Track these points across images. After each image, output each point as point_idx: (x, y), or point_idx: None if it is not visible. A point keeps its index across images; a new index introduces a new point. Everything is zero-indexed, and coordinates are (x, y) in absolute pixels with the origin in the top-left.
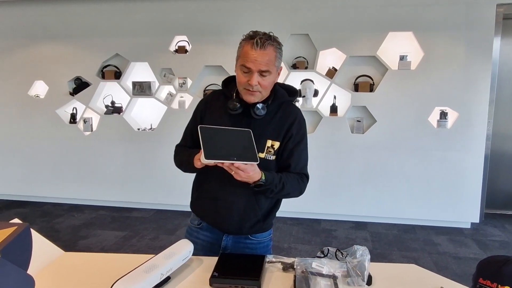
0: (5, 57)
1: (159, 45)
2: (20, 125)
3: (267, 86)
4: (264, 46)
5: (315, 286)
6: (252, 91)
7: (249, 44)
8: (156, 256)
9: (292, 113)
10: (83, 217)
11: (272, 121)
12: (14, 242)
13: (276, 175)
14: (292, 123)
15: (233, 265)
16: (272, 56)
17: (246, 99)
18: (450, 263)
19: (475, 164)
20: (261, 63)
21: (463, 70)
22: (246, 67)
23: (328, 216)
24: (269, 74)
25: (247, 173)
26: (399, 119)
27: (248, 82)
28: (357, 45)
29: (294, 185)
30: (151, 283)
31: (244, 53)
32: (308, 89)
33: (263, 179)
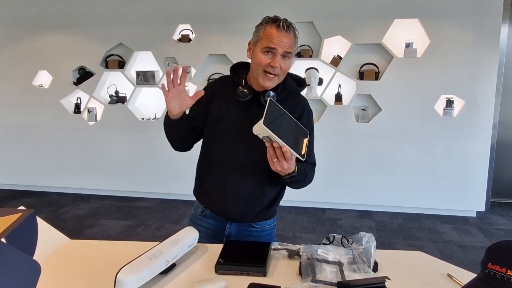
0: (9, 47)
1: (162, 34)
2: (25, 115)
3: (286, 70)
4: (289, 29)
5: (321, 273)
6: (271, 75)
7: (274, 27)
8: (161, 243)
9: (300, 103)
10: (89, 206)
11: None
12: (20, 228)
13: (301, 165)
14: (301, 114)
15: (238, 252)
16: (293, 40)
17: (263, 83)
18: (455, 252)
19: (481, 153)
20: (286, 45)
21: (470, 58)
22: (271, 48)
23: (333, 205)
24: (289, 57)
25: (289, 165)
26: (404, 107)
27: (271, 64)
28: (362, 33)
29: (310, 175)
30: (156, 270)
31: (268, 35)
32: (312, 78)
33: (296, 171)
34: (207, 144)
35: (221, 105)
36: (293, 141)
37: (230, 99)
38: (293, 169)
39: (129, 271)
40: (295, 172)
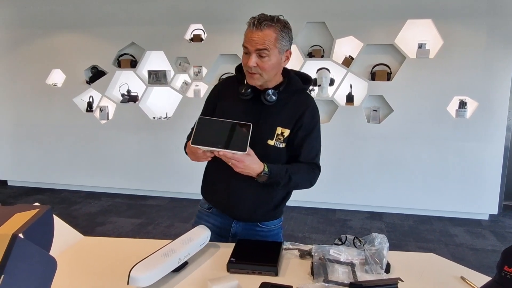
0: (23, 46)
1: (174, 33)
2: (38, 113)
3: (267, 68)
4: (260, 26)
5: (333, 273)
6: (251, 73)
7: (249, 25)
8: (173, 241)
9: (304, 101)
10: (100, 204)
11: (284, 109)
12: (37, 224)
13: (281, 167)
14: (304, 111)
15: (250, 251)
16: (271, 36)
17: (248, 81)
18: (467, 255)
19: (495, 155)
20: (257, 43)
21: (484, 59)
22: (244, 47)
23: (343, 206)
24: (268, 55)
25: (242, 163)
26: (416, 108)
27: (247, 63)
28: (374, 33)
29: (303, 177)
30: (169, 267)
31: (245, 35)
32: (324, 78)
33: (266, 170)
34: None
35: (227, 104)
36: (232, 141)
37: (235, 98)
38: (259, 169)
39: (143, 268)
40: (265, 172)
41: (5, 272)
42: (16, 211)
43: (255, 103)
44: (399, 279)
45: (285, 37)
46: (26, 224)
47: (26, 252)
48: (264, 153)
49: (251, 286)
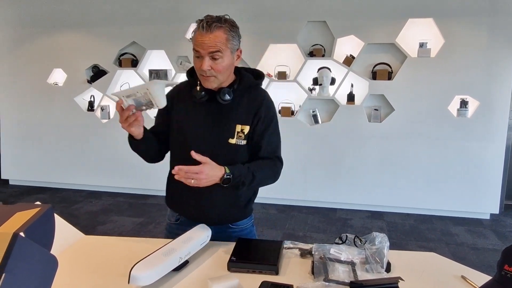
0: (25, 45)
1: (175, 33)
2: (40, 112)
3: (221, 70)
4: (210, 28)
5: (333, 272)
6: (206, 76)
7: (198, 28)
8: (174, 240)
9: (258, 96)
10: (101, 203)
11: (240, 106)
12: (38, 222)
13: (242, 166)
14: (259, 106)
15: (250, 250)
16: (222, 38)
17: (204, 85)
18: (468, 254)
19: (496, 155)
20: (209, 45)
21: (485, 58)
22: (196, 51)
23: (344, 205)
24: (221, 56)
25: (203, 173)
26: (417, 107)
27: (201, 67)
28: (375, 32)
29: (266, 173)
30: (169, 266)
31: (195, 38)
32: (325, 77)
33: (227, 172)
34: (175, 152)
35: (182, 110)
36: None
37: (190, 102)
38: (221, 173)
39: (143, 267)
40: (227, 174)
41: (6, 271)
42: (17, 210)
43: (211, 104)
44: (400, 278)
45: (235, 37)
46: (27, 223)
47: (27, 251)
48: (227, 152)
49: (251, 285)
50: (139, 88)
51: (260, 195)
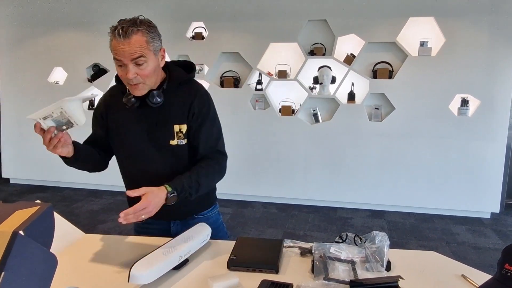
0: (25, 44)
1: (176, 31)
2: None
3: (148, 75)
4: (127, 34)
5: (333, 271)
6: (134, 85)
7: (114, 36)
8: (174, 239)
9: (191, 91)
10: (101, 202)
11: (174, 105)
12: (37, 221)
13: (184, 177)
14: (192, 101)
15: (250, 249)
16: (142, 41)
17: (133, 93)
18: (469, 253)
19: (497, 154)
20: (130, 52)
21: (486, 57)
22: (118, 60)
23: (345, 204)
24: (145, 61)
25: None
26: (418, 106)
27: (126, 77)
28: (376, 31)
29: (211, 174)
30: (169, 265)
31: (113, 46)
32: (325, 76)
33: (170, 190)
34: (119, 158)
35: (117, 116)
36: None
37: (123, 109)
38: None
39: (143, 266)
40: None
41: (5, 269)
42: (16, 208)
43: (145, 109)
44: (400, 277)
45: (155, 37)
46: (27, 221)
47: (27, 249)
48: (171, 155)
49: (251, 284)
50: (53, 108)
51: (261, 194)
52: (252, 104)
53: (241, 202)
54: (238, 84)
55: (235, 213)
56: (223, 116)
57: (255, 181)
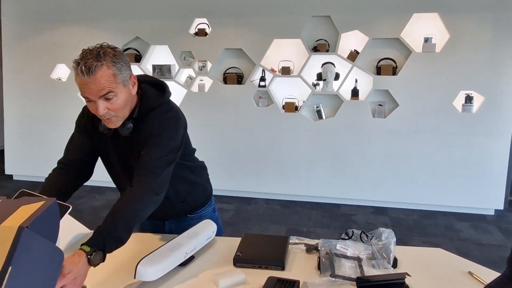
0: (28, 40)
1: (179, 28)
2: (43, 107)
3: (119, 108)
4: (91, 71)
5: (340, 268)
6: (107, 119)
7: (77, 74)
8: (180, 235)
9: (157, 116)
10: (104, 198)
11: (145, 131)
12: (43, 216)
13: (101, 226)
14: (152, 123)
15: (256, 246)
16: (108, 75)
17: (108, 126)
18: (473, 250)
19: (501, 150)
20: (97, 90)
21: (491, 53)
22: (85, 97)
23: (348, 200)
24: (115, 95)
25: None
26: (422, 103)
27: (97, 113)
28: (380, 27)
29: (136, 204)
30: (175, 261)
31: (79, 83)
32: (329, 73)
33: (88, 251)
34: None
35: (97, 138)
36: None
37: (100, 135)
38: (84, 260)
39: (149, 262)
40: (88, 252)
41: (12, 263)
42: (21, 203)
43: (119, 136)
44: (407, 274)
45: (122, 67)
46: (32, 216)
47: (33, 244)
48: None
49: (257, 280)
50: None
51: (264, 190)
52: (256, 101)
53: (244, 198)
54: (241, 80)
55: (238, 210)
56: (226, 113)
57: (258, 177)
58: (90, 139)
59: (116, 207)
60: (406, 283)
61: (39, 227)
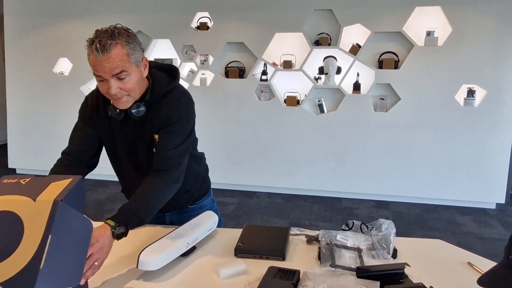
0: (31, 34)
1: (180, 22)
2: (46, 101)
3: (132, 88)
4: (105, 48)
5: (340, 258)
6: (118, 98)
7: (92, 51)
8: (182, 226)
9: (170, 100)
10: (108, 192)
11: (155, 115)
12: (72, 191)
13: (128, 203)
14: (167, 110)
15: (257, 237)
16: (122, 54)
17: (118, 107)
18: (474, 243)
19: (503, 144)
20: (110, 68)
21: (493, 46)
22: (98, 76)
23: (350, 194)
24: (128, 74)
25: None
26: (424, 97)
27: (108, 92)
28: (382, 21)
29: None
30: (177, 251)
31: (92, 61)
32: (331, 66)
33: (112, 225)
34: (110, 159)
35: (103, 124)
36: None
37: (107, 117)
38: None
39: (151, 252)
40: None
41: (51, 232)
42: (51, 181)
43: (129, 119)
44: (406, 264)
45: (135, 47)
46: (64, 191)
47: (67, 215)
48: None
49: (258, 270)
50: None
51: (266, 184)
52: (257, 95)
53: (246, 192)
54: (243, 74)
55: (241, 204)
56: (228, 107)
57: (260, 171)
58: (95, 127)
59: (142, 191)
60: (406, 273)
61: (70, 201)
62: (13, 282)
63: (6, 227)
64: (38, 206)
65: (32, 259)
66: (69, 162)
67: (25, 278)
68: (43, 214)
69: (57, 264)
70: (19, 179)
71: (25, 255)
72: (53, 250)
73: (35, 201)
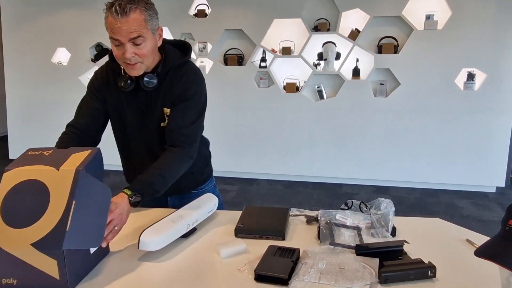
0: (28, 24)
1: (178, 9)
2: (45, 91)
3: (146, 54)
4: (125, 11)
5: (339, 237)
6: (131, 64)
7: (111, 14)
8: (182, 208)
9: (182, 75)
10: (109, 181)
11: (167, 88)
12: (92, 161)
13: (144, 174)
14: (178, 84)
15: (257, 217)
16: (140, 20)
17: (130, 73)
18: (474, 226)
19: (503, 128)
20: (128, 31)
21: (493, 30)
22: (114, 39)
23: (350, 180)
24: (144, 40)
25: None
26: (424, 81)
27: (123, 56)
28: (381, 5)
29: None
30: (178, 232)
31: (109, 24)
32: (330, 52)
33: (129, 194)
34: (117, 135)
35: (113, 99)
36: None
37: (118, 91)
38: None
39: (152, 233)
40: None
41: (75, 198)
42: (72, 152)
43: (138, 91)
44: (405, 241)
45: (153, 15)
46: (84, 161)
47: (89, 183)
48: (162, 137)
49: (258, 250)
50: None
51: (266, 171)
52: (256, 82)
53: (246, 179)
54: (242, 61)
55: (241, 191)
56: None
57: (260, 158)
58: (103, 101)
59: (157, 164)
60: (405, 250)
61: (90, 170)
62: (43, 242)
63: (33, 194)
64: (61, 175)
65: (59, 222)
66: (74, 135)
67: (54, 238)
68: (66, 182)
69: (81, 227)
70: (43, 151)
71: (52, 218)
72: (77, 214)
73: (59, 170)
